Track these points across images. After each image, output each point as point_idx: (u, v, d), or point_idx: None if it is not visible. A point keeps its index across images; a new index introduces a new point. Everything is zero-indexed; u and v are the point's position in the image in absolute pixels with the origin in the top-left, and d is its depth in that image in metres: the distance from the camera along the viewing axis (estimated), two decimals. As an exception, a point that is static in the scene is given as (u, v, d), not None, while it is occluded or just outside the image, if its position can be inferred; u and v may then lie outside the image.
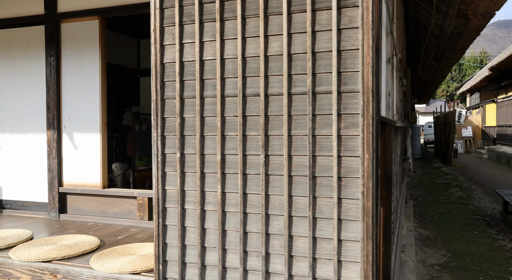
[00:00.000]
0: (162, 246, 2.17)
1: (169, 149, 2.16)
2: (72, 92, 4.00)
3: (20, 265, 2.75)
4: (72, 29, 3.97)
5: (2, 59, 4.25)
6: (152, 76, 2.15)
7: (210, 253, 2.09)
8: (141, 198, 3.73)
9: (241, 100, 1.99)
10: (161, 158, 2.16)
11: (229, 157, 2.04)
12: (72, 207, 4.05)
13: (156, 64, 2.14)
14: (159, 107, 2.15)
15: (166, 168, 2.17)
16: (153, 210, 2.19)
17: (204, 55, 2.07)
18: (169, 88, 2.15)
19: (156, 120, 2.16)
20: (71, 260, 2.77)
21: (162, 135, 2.16)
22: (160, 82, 2.15)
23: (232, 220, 2.04)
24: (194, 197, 2.11)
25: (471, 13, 6.33)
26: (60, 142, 4.04)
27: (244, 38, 1.98)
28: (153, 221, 2.19)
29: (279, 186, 1.95)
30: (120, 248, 2.96)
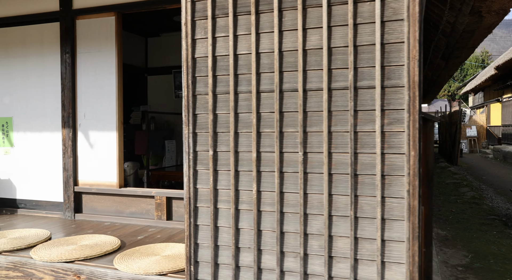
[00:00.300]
0: (193, 247, 2.11)
1: (200, 146, 2.10)
2: (88, 90, 3.93)
3: (42, 265, 2.69)
4: (88, 26, 3.91)
5: (16, 57, 4.19)
6: (183, 71, 2.09)
7: (244, 254, 2.03)
8: (159, 197, 3.66)
9: (278, 96, 1.93)
10: (193, 156, 2.10)
11: (265, 154, 1.98)
12: (87, 207, 3.99)
13: (188, 59, 2.08)
14: (191, 103, 2.09)
15: (197, 166, 2.10)
16: (184, 209, 2.12)
17: (238, 49, 2.00)
18: (201, 83, 2.08)
19: (187, 117, 2.09)
20: (93, 260, 2.71)
21: (193, 132, 2.10)
22: (192, 78, 2.09)
23: (268, 220, 1.98)
24: (227, 196, 2.05)
25: (485, 10, 6.27)
26: (75, 141, 3.98)
27: (281, 32, 1.92)
28: (184, 220, 2.12)
29: (318, 184, 1.88)
30: (142, 248, 2.90)
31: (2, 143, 4.29)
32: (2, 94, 4.28)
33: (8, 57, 4.22)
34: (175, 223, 3.60)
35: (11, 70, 4.22)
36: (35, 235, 3.25)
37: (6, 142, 4.27)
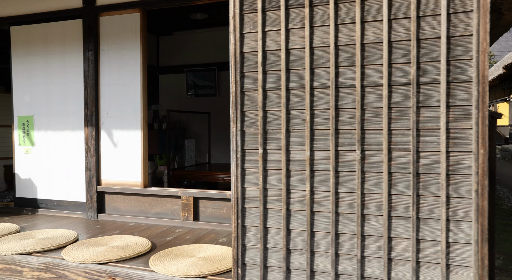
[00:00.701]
0: (241, 249, 2.04)
1: (249, 145, 2.02)
2: (111, 88, 3.86)
3: (75, 267, 2.62)
4: (112, 22, 3.84)
5: (37, 55, 4.12)
6: (231, 66, 2.02)
7: (296, 256, 1.95)
8: (185, 197, 3.59)
9: (334, 92, 1.85)
10: (241, 154, 2.03)
11: (318, 152, 1.90)
12: (110, 207, 3.92)
13: (236, 54, 2.01)
14: (239, 100, 2.02)
15: (245, 165, 2.03)
16: (231, 210, 2.05)
17: (290, 44, 1.93)
18: (250, 79, 2.01)
19: (235, 114, 2.02)
20: (127, 262, 2.64)
21: (241, 130, 2.03)
22: (240, 73, 2.01)
23: (322, 221, 1.90)
24: (277, 196, 1.98)
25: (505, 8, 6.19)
26: (98, 139, 3.91)
27: (336, 25, 1.85)
28: (232, 221, 2.05)
29: (377, 184, 1.81)
30: (175, 249, 2.82)
31: (23, 141, 4.22)
32: (23, 92, 4.21)
33: (29, 55, 4.15)
34: (202, 224, 3.53)
35: (32, 68, 4.15)
36: (62, 235, 3.18)
37: (26, 141, 4.20)
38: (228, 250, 2.79)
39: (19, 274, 2.76)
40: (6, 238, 3.11)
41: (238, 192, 2.03)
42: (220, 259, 2.59)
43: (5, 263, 2.81)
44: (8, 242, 3.02)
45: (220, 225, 3.47)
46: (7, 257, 2.80)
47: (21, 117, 4.22)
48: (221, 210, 3.51)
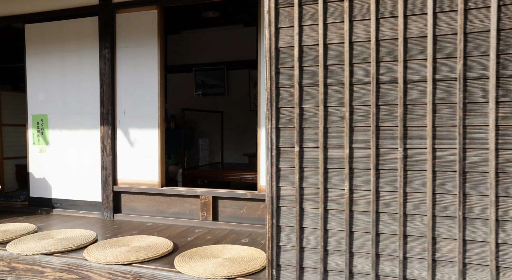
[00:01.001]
0: (275, 249, 1.98)
1: (284, 142, 1.97)
2: (127, 86, 3.81)
3: (99, 267, 2.56)
4: (128, 20, 3.79)
5: (52, 53, 4.07)
6: (266, 62, 1.96)
7: (333, 257, 1.90)
8: (204, 197, 3.54)
9: (375, 88, 1.80)
10: (276, 152, 1.97)
11: (358, 150, 1.85)
12: (126, 207, 3.87)
13: (271, 49, 1.95)
14: (274, 96, 1.96)
15: (280, 163, 1.98)
16: (266, 210, 2.00)
17: (328, 39, 1.88)
18: (285, 75, 1.96)
19: (270, 111, 1.97)
20: (151, 263, 2.58)
21: (276, 127, 1.97)
22: (275, 69, 1.96)
23: (361, 221, 1.85)
24: (314, 195, 1.92)
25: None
26: (115, 138, 3.85)
27: (378, 19, 1.79)
28: (266, 221, 2.00)
29: (420, 183, 1.75)
30: (199, 250, 2.77)
31: (37, 140, 4.17)
32: (37, 91, 4.16)
33: (44, 53, 4.10)
34: (221, 224, 3.47)
35: (46, 66, 4.10)
36: (81, 235, 3.12)
37: (41, 140, 4.15)
38: (253, 250, 2.74)
39: (40, 274, 2.71)
40: (25, 238, 3.06)
41: (273, 191, 1.97)
42: (247, 260, 2.53)
43: (26, 263, 2.76)
44: (27, 242, 2.97)
45: (240, 225, 3.42)
46: (28, 257, 2.75)
47: (35, 116, 4.17)
48: (241, 209, 3.46)
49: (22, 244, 2.92)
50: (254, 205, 3.42)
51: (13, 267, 2.80)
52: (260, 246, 2.92)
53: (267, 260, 2.00)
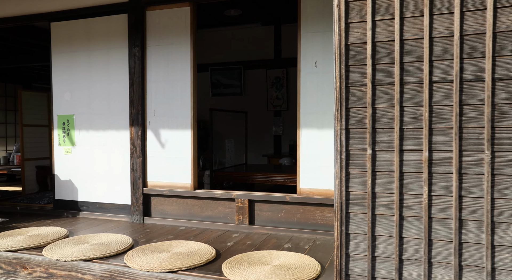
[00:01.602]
0: (344, 258, 1.87)
1: (354, 145, 1.85)
2: (158, 85, 3.70)
3: (143, 275, 2.45)
4: (159, 17, 3.67)
5: (79, 51, 3.96)
6: (335, 59, 1.85)
7: (409, 267, 1.78)
8: (240, 200, 3.42)
9: (458, 86, 1.68)
10: (345, 155, 1.85)
11: (438, 153, 1.73)
12: (156, 210, 3.75)
13: (340, 46, 1.84)
14: (343, 96, 1.85)
15: (350, 167, 1.86)
16: (335, 216, 1.88)
17: (405, 34, 1.76)
18: (355, 73, 1.84)
19: (339, 112, 1.85)
20: (197, 270, 2.47)
21: (346, 128, 1.86)
22: (345, 67, 1.84)
23: (441, 228, 1.73)
24: (387, 200, 1.80)
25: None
26: (145, 139, 3.74)
27: (462, 12, 1.67)
28: (334, 228, 1.88)
29: (510, 188, 1.63)
30: (245, 256, 2.65)
31: (63, 141, 4.06)
32: (63, 90, 4.05)
33: (71, 52, 3.99)
34: (258, 228, 3.35)
35: (73, 65, 3.99)
36: (117, 241, 3.01)
37: (67, 141, 4.04)
38: (301, 257, 2.62)
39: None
40: (59, 243, 2.95)
41: (342, 196, 1.86)
42: (299, 268, 2.41)
43: (65, 269, 2.64)
44: (63, 247, 2.86)
45: (278, 229, 3.30)
46: (67, 264, 2.64)
47: (61, 116, 4.06)
48: (278, 213, 3.34)
49: (58, 249, 2.81)
50: (293, 209, 3.30)
51: (51, 273, 2.69)
52: (306, 252, 2.81)
53: (335, 270, 1.88)
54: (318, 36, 3.18)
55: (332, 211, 3.19)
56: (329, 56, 3.16)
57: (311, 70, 3.21)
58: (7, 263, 2.80)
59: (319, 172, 3.20)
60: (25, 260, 2.77)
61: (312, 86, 3.21)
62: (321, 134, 3.20)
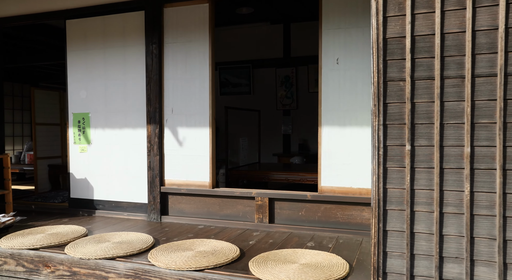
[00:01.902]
0: (382, 256, 1.84)
1: (391, 141, 1.82)
2: (176, 83, 3.67)
3: (169, 274, 2.42)
4: (177, 14, 3.64)
5: (95, 49, 3.93)
6: (373, 54, 1.82)
7: (450, 265, 1.75)
8: (260, 199, 3.39)
9: (503, 81, 1.65)
10: (383, 151, 1.82)
11: (480, 149, 1.70)
12: (174, 208, 3.72)
13: (378, 40, 1.81)
14: (381, 91, 1.81)
15: (387, 163, 1.83)
16: (372, 213, 1.85)
17: (445, 28, 1.73)
18: (393, 68, 1.81)
19: (377, 107, 1.82)
20: (223, 268, 2.43)
21: (384, 124, 1.82)
22: (383, 62, 1.81)
23: (484, 225, 1.70)
24: (427, 197, 1.77)
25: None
26: (162, 137, 3.71)
27: (508, 5, 1.64)
28: (371, 225, 1.85)
29: (556, 184, 1.60)
30: (270, 255, 2.62)
31: (78, 140, 4.03)
32: (79, 88, 4.02)
33: (86, 49, 3.96)
34: (278, 227, 3.33)
35: (89, 63, 3.97)
36: (138, 239, 2.98)
37: (82, 139, 4.02)
38: (328, 255, 2.59)
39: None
40: (80, 241, 2.92)
41: (380, 193, 1.83)
42: (327, 266, 2.38)
43: (88, 268, 2.62)
44: (85, 245, 2.83)
45: (299, 227, 3.27)
46: (90, 262, 2.61)
47: (76, 114, 4.03)
48: (299, 212, 3.31)
49: (80, 247, 2.78)
50: (314, 207, 3.27)
51: (74, 271, 2.66)
52: (330, 250, 2.77)
53: (372, 268, 1.85)
54: (340, 33, 3.15)
55: (354, 209, 3.16)
56: (351, 53, 3.13)
57: (332, 67, 3.18)
58: (30, 261, 2.77)
59: (341, 170, 3.17)
60: (47, 258, 2.74)
61: (334, 83, 3.18)
62: (342, 132, 3.17)
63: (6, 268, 2.84)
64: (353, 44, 3.12)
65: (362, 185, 3.13)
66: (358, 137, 3.12)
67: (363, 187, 3.13)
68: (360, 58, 3.10)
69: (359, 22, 3.10)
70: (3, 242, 2.93)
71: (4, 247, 2.87)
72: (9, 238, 3.02)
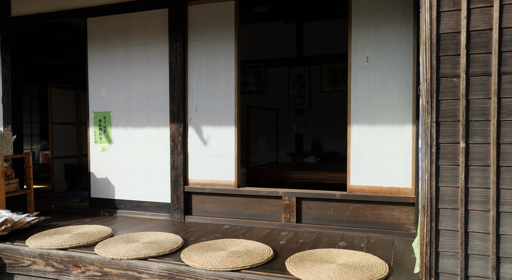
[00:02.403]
0: (434, 256, 1.80)
1: (444, 138, 1.78)
2: (200, 81, 3.63)
3: (205, 274, 2.38)
4: (202, 11, 3.61)
5: (117, 47, 3.90)
6: (426, 49, 1.78)
7: (508, 266, 1.71)
8: (287, 198, 3.35)
9: None
10: (436, 149, 1.78)
11: (539, 146, 1.66)
12: (198, 208, 3.68)
13: (431, 35, 1.77)
14: (434, 87, 1.78)
15: (440, 161, 1.79)
16: (421, 212, 1.81)
17: (504, 22, 1.69)
18: (447, 64, 1.77)
19: (430, 104, 1.78)
20: (259, 269, 2.40)
21: (436, 121, 1.79)
22: (436, 58, 1.78)
23: (543, 225, 1.66)
24: (482, 195, 1.74)
25: None
26: (186, 136, 3.67)
27: None
28: (422, 224, 1.81)
29: None
30: (305, 255, 2.58)
31: (99, 139, 4.00)
32: (100, 87, 3.99)
33: (108, 48, 3.93)
34: (306, 226, 3.29)
35: (110, 61, 3.93)
36: (166, 239, 2.94)
37: (103, 138, 3.98)
38: (364, 255, 2.55)
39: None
40: (108, 241, 2.89)
41: (432, 191, 1.79)
42: (366, 266, 2.35)
43: (120, 268, 2.58)
44: (114, 245, 2.79)
45: (327, 227, 3.23)
46: (122, 262, 2.57)
47: (97, 113, 4.00)
48: (327, 211, 3.27)
49: (111, 247, 2.75)
50: (343, 206, 3.23)
51: (105, 272, 2.62)
52: (363, 250, 2.74)
53: (424, 268, 1.81)
54: (370, 31, 3.11)
55: (384, 208, 3.12)
56: (381, 51, 3.09)
57: (362, 65, 3.14)
58: (59, 261, 2.74)
59: (370, 169, 3.14)
60: (77, 258, 2.70)
61: (364, 81, 3.14)
62: (372, 131, 3.13)
63: (35, 268, 2.80)
64: (383, 42, 3.08)
65: (392, 184, 3.09)
66: (389, 136, 3.09)
67: (393, 186, 3.09)
68: (391, 56, 3.07)
69: (389, 19, 3.07)
70: (31, 241, 2.90)
71: (32, 246, 2.83)
72: (36, 238, 2.98)
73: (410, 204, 3.05)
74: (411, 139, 3.04)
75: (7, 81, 4.29)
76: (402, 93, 3.05)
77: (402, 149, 3.06)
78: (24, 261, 2.83)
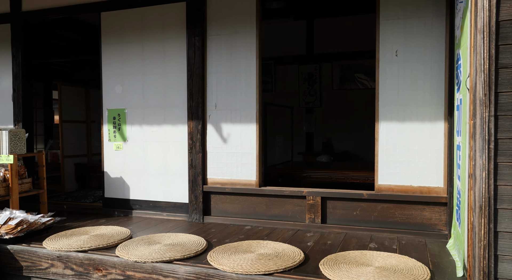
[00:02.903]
0: (493, 259, 1.68)
1: (504, 133, 1.67)
2: (220, 76, 3.51)
3: (236, 278, 2.26)
4: (221, 5, 3.49)
5: (132, 42, 3.77)
6: (483, 38, 1.66)
7: None
8: (312, 198, 3.23)
9: None
10: (494, 145, 1.67)
11: None
12: (217, 208, 3.56)
13: (490, 23, 1.65)
14: (493, 79, 1.66)
15: (498, 158, 1.67)
16: (480, 212, 1.69)
17: None
18: (507, 54, 1.65)
19: (487, 96, 1.66)
20: (293, 272, 2.28)
21: (495, 115, 1.67)
22: (495, 47, 1.66)
23: None
24: (546, 195, 1.62)
25: None
26: (204, 134, 3.55)
27: None
28: (480, 226, 1.69)
29: None
30: (338, 257, 2.46)
31: (113, 137, 3.88)
32: (114, 83, 3.87)
33: (123, 43, 3.81)
34: (331, 227, 3.17)
35: (125, 56, 3.81)
36: (189, 241, 2.82)
37: (118, 136, 3.86)
38: (401, 258, 2.43)
39: (164, 285, 2.41)
40: (129, 243, 2.76)
41: (490, 190, 1.67)
42: (406, 270, 2.23)
43: (144, 272, 2.46)
44: (136, 247, 2.67)
45: (353, 228, 3.11)
46: (146, 265, 2.45)
47: (111, 110, 3.88)
48: (353, 211, 3.15)
49: (132, 249, 2.63)
50: (370, 206, 3.11)
51: (128, 275, 2.50)
52: (397, 252, 2.61)
53: (481, 272, 1.69)
54: (399, 24, 2.99)
55: (414, 208, 3.00)
56: (411, 45, 2.97)
57: (391, 59, 3.03)
58: (79, 264, 2.62)
59: (400, 167, 3.02)
60: (98, 261, 2.58)
61: (392, 76, 3.02)
62: (401, 128, 3.01)
63: (53, 271, 2.68)
64: (413, 36, 2.97)
65: (423, 183, 2.97)
66: (419, 133, 2.97)
67: (424, 185, 2.97)
68: (421, 50, 2.95)
69: (420, 12, 2.95)
70: (48, 243, 2.78)
71: (50, 248, 2.71)
72: (53, 239, 2.86)
73: (441, 204, 2.93)
74: (442, 136, 2.92)
75: (17, 78, 4.17)
76: (433, 89, 2.93)
77: (433, 146, 2.94)
78: (41, 263, 2.71)
